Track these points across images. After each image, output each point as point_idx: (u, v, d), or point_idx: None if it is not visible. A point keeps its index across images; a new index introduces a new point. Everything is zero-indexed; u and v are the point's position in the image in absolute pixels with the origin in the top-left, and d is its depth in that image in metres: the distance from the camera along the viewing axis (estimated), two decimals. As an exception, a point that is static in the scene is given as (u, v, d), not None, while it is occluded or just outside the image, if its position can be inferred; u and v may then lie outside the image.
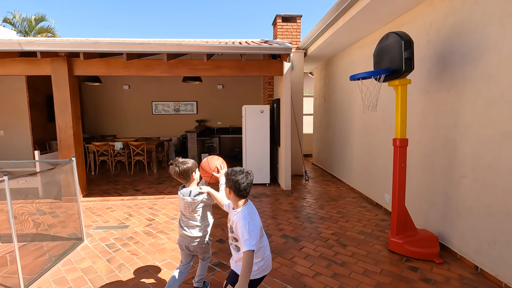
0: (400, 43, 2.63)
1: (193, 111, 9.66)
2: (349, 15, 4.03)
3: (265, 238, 1.82)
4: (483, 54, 2.58)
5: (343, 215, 4.18)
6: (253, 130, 5.74)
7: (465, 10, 2.80)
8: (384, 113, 4.30)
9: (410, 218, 3.03)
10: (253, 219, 1.66)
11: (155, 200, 4.98)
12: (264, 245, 1.78)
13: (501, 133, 2.41)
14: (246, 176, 1.72)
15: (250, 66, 5.10)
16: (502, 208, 2.41)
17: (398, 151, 2.94)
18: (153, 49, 4.30)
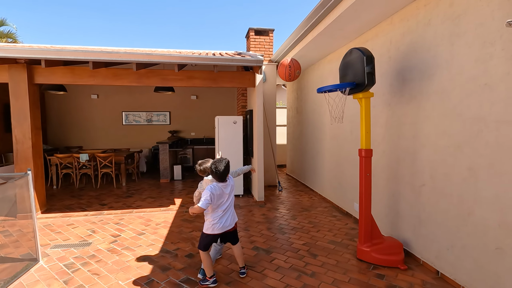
0: (362, 59, 2.78)
1: (166, 121, 9.45)
2: (318, 30, 4.20)
3: (223, 210, 2.61)
4: (436, 71, 2.79)
5: (314, 225, 4.22)
6: (226, 141, 5.71)
7: (419, 30, 3.02)
8: (352, 125, 4.47)
9: (377, 226, 3.12)
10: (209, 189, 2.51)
11: (122, 214, 4.74)
12: (217, 215, 2.60)
13: (454, 144, 2.59)
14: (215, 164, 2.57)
15: (223, 78, 5.12)
16: (458, 214, 2.56)
17: (363, 161, 3.05)
18: (121, 58, 4.18)
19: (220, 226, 2.62)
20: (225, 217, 2.64)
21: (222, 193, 2.60)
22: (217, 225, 2.61)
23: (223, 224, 2.63)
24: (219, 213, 2.61)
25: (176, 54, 4.39)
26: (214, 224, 2.61)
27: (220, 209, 2.61)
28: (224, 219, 2.63)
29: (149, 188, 6.63)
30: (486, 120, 2.28)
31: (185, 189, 6.58)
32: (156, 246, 3.52)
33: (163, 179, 7.38)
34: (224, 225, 2.64)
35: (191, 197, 5.78)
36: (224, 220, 2.63)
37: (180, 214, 4.74)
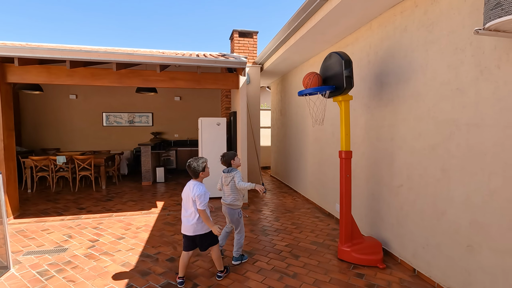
0: (341, 62, 2.84)
1: (149, 123, 9.28)
2: (300, 33, 4.26)
3: (184, 208, 2.68)
4: (412, 75, 2.89)
5: (297, 226, 4.26)
6: (209, 142, 5.67)
7: (396, 36, 3.13)
8: (333, 127, 4.55)
9: (357, 227, 3.19)
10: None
11: (101, 219, 4.60)
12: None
13: (429, 146, 2.69)
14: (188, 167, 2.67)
15: (206, 79, 5.09)
16: (432, 213, 2.66)
17: (343, 162, 3.11)
18: (101, 58, 4.07)
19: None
20: (183, 219, 2.68)
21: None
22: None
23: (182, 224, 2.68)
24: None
25: (158, 55, 4.33)
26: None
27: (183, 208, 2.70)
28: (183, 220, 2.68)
29: (130, 191, 6.47)
30: (458, 122, 2.39)
31: (167, 191, 6.47)
32: (136, 251, 3.44)
33: (145, 181, 7.22)
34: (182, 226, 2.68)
35: (174, 200, 5.70)
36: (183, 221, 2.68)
37: (162, 217, 4.66)
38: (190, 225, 2.59)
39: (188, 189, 2.62)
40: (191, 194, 2.55)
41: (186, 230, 2.63)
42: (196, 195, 2.52)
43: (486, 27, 1.67)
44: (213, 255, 2.76)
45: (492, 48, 2.10)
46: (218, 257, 2.77)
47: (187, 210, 2.63)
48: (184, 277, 2.70)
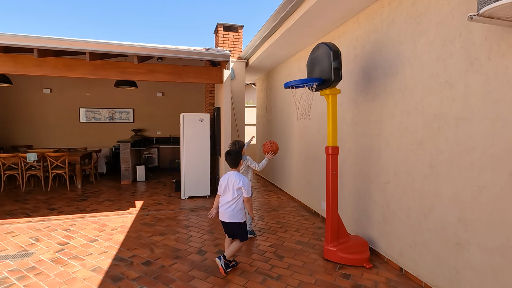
0: (329, 54, 2.72)
1: (129, 119, 8.91)
2: (285, 26, 4.12)
3: (223, 198, 2.78)
4: (399, 69, 2.81)
5: (282, 225, 4.12)
6: (192, 139, 5.45)
7: (383, 29, 3.04)
8: (319, 124, 4.45)
9: (343, 225, 3.09)
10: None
11: (73, 220, 4.29)
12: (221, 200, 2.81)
13: (417, 142, 2.61)
14: (228, 155, 2.81)
15: (188, 72, 4.87)
16: (419, 211, 2.58)
17: (330, 159, 2.99)
18: (72, 46, 3.77)
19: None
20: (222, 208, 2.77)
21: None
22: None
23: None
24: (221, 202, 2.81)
25: (135, 45, 4.07)
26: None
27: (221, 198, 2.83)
28: (222, 208, 2.77)
29: (108, 191, 6.14)
30: (446, 117, 2.31)
31: (148, 190, 6.19)
32: (109, 254, 3.19)
33: (124, 180, 6.90)
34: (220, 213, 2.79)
35: (154, 199, 5.44)
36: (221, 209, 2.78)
37: (140, 218, 4.41)
38: (227, 212, 2.73)
39: (229, 179, 2.75)
40: (236, 184, 2.70)
41: (223, 217, 2.77)
42: (242, 184, 2.70)
43: (481, 13, 1.57)
44: (235, 244, 2.81)
45: (482, 39, 2.03)
46: (237, 249, 2.83)
47: (225, 198, 2.76)
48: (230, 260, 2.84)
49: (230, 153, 2.78)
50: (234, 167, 2.80)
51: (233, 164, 2.78)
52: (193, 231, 3.87)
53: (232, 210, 2.71)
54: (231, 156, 2.76)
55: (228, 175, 2.75)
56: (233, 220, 2.72)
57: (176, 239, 3.60)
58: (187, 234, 3.78)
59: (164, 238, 3.64)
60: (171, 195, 5.77)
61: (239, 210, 2.74)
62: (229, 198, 2.72)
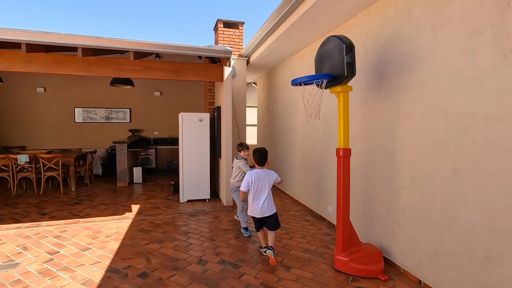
0: (341, 47, 2.49)
1: (126, 119, 8.65)
2: (290, 21, 3.89)
3: (259, 195, 2.99)
4: (417, 64, 2.59)
5: (286, 231, 3.89)
6: (191, 140, 5.21)
7: (399, 21, 2.82)
8: (325, 123, 4.23)
9: (355, 233, 2.86)
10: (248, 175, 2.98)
11: (65, 226, 4.05)
12: (251, 201, 3.01)
13: (437, 143, 2.39)
14: (259, 153, 3.01)
15: (187, 70, 4.63)
16: (441, 219, 2.36)
17: (341, 161, 2.77)
18: (62, 41, 3.53)
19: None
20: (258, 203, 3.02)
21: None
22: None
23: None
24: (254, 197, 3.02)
25: (131, 40, 3.83)
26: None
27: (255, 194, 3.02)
28: (260, 205, 3.01)
29: (103, 193, 5.89)
30: (473, 116, 2.09)
31: (145, 193, 5.94)
32: (102, 265, 2.95)
33: (120, 182, 6.64)
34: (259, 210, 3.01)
35: (151, 203, 5.19)
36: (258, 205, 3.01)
37: (136, 223, 4.16)
38: (269, 207, 3.00)
39: (260, 176, 2.98)
40: (272, 178, 3.03)
41: (263, 212, 2.99)
42: (276, 175, 3.08)
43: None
44: (274, 233, 3.08)
45: (518, 28, 1.81)
46: (274, 237, 3.10)
47: (261, 196, 2.98)
48: (266, 246, 3.10)
49: (260, 151, 3.01)
50: (261, 165, 3.02)
51: (261, 162, 3.01)
52: (193, 238, 3.63)
53: (271, 203, 3.02)
54: (261, 155, 3.00)
55: (257, 173, 2.97)
56: (272, 211, 3.02)
57: (174, 247, 3.36)
58: (186, 241, 3.54)
59: (161, 246, 3.40)
60: (169, 198, 5.53)
61: (273, 201, 3.08)
62: (266, 194, 2.98)
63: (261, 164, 3.01)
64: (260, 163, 3.01)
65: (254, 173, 2.97)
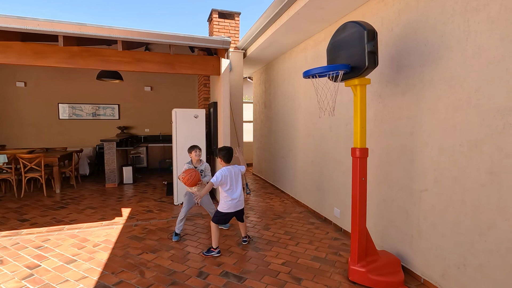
0: (361, 34, 2.20)
1: (114, 116, 8.19)
2: (295, 9, 3.58)
3: (233, 190, 3.06)
4: (444, 54, 2.32)
5: (292, 236, 3.62)
6: (185, 138, 4.86)
7: (420, 7, 2.54)
8: (332, 120, 3.96)
9: (371, 240, 2.61)
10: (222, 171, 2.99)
11: (48, 234, 3.67)
12: (229, 199, 3.04)
13: (469, 143, 2.14)
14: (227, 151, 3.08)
15: (181, 62, 4.27)
16: (472, 227, 2.12)
17: (358, 162, 2.50)
18: (40, 28, 3.13)
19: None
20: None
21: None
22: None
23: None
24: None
25: (119, 28, 3.44)
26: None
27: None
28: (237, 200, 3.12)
29: (90, 196, 5.49)
30: (516, 112, 1.84)
31: (136, 195, 5.57)
32: (89, 280, 2.61)
33: (109, 183, 6.24)
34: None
35: (144, 206, 4.84)
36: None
37: (128, 229, 3.82)
38: (242, 200, 3.14)
39: (234, 171, 3.07)
40: (241, 170, 3.17)
41: (239, 206, 3.11)
42: (243, 167, 3.21)
43: None
44: (244, 224, 3.35)
45: None
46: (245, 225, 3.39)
47: (237, 189, 3.08)
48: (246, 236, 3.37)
49: (229, 149, 3.10)
50: (229, 163, 3.09)
51: (230, 159, 3.08)
52: (191, 246, 3.32)
53: (243, 195, 3.17)
54: (230, 152, 3.08)
55: (228, 169, 3.02)
56: (243, 204, 3.20)
57: (171, 257, 3.04)
58: (183, 250, 3.23)
59: (156, 256, 3.08)
60: (162, 201, 5.18)
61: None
62: (240, 186, 3.11)
63: (229, 161, 3.09)
64: (228, 161, 3.07)
65: (226, 170, 3.01)
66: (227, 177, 2.99)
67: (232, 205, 3.05)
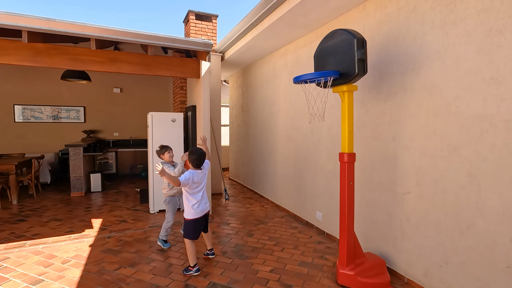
0: (351, 42, 2.25)
1: (80, 119, 7.64)
2: (278, 14, 3.60)
3: (200, 197, 2.81)
4: (424, 63, 2.46)
5: (276, 241, 3.60)
6: (162, 142, 4.64)
7: (401, 18, 2.68)
8: (313, 125, 4.02)
9: (359, 244, 2.66)
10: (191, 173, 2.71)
11: (6, 251, 3.27)
12: (197, 198, 2.80)
13: (449, 147, 2.27)
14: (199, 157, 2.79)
15: (159, 64, 4.08)
16: (453, 226, 2.25)
17: (346, 167, 2.55)
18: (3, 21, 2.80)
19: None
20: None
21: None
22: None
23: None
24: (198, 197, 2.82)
25: (93, 25, 3.20)
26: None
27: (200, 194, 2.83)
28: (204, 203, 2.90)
29: (54, 206, 5.02)
30: (492, 119, 1.99)
31: (107, 203, 5.21)
32: (61, 302, 2.36)
33: (75, 192, 5.77)
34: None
35: (116, 215, 4.53)
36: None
37: (101, 242, 3.53)
38: (206, 203, 2.92)
39: (203, 173, 2.84)
40: (207, 170, 2.93)
41: (201, 213, 2.84)
42: (208, 166, 3.02)
43: None
44: (209, 234, 3.16)
45: (546, 28, 1.72)
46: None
47: (204, 191, 2.88)
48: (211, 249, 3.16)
49: (202, 153, 2.84)
50: (199, 168, 2.84)
51: (200, 164, 2.83)
52: (173, 257, 3.15)
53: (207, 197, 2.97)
54: (202, 157, 2.82)
55: (197, 174, 2.77)
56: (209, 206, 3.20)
57: (152, 271, 2.86)
58: (165, 262, 3.06)
59: (136, 270, 2.88)
60: (136, 209, 4.89)
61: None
62: (205, 190, 2.88)
63: (199, 167, 2.82)
64: (198, 166, 2.81)
65: (195, 172, 2.75)
66: (194, 178, 2.71)
67: (200, 209, 2.80)
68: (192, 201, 2.79)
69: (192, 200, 2.78)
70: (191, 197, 2.78)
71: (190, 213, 2.79)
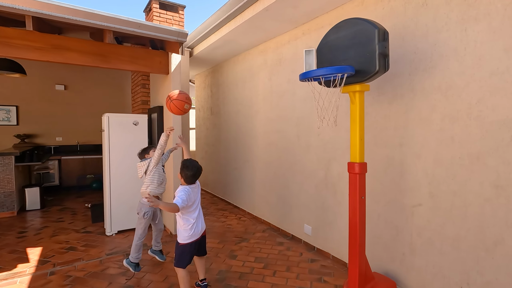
0: (371, 33, 1.92)
1: (11, 121, 6.31)
2: (263, 4, 3.18)
3: (196, 215, 2.38)
4: (438, 62, 2.24)
5: (265, 263, 3.14)
6: (122, 148, 3.90)
7: (408, 14, 2.44)
8: (299, 128, 3.67)
9: (369, 266, 2.34)
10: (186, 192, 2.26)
11: None
12: (194, 217, 2.35)
13: (470, 155, 2.06)
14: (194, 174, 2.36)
15: (119, 55, 3.36)
16: (477, 242, 2.03)
17: (357, 179, 2.20)
18: None
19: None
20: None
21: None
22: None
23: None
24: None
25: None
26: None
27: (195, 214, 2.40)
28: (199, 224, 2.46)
29: (-27, 233, 3.91)
30: (525, 125, 1.80)
31: (48, 225, 4.22)
32: None
33: (4, 212, 4.63)
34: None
35: (61, 241, 3.64)
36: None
37: (41, 281, 2.71)
38: (201, 224, 2.46)
39: (197, 187, 2.45)
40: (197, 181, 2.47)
41: (195, 236, 2.38)
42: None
43: None
44: (203, 259, 2.63)
45: None
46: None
47: (200, 211, 2.47)
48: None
49: (199, 168, 2.44)
50: (193, 183, 2.40)
51: (195, 180, 2.40)
52: (143, 296, 2.50)
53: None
54: (199, 172, 2.41)
55: (192, 189, 2.35)
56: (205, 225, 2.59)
57: (116, 320, 2.19)
58: (133, 304, 2.40)
59: (93, 321, 2.18)
60: (87, 231, 4.03)
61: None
62: (200, 206, 2.49)
63: (194, 183, 2.40)
64: (192, 183, 2.37)
65: (189, 191, 2.29)
66: (190, 197, 2.29)
67: (197, 230, 2.36)
68: (189, 221, 2.33)
69: (189, 220, 2.33)
70: (187, 216, 2.32)
71: (186, 235, 2.32)
